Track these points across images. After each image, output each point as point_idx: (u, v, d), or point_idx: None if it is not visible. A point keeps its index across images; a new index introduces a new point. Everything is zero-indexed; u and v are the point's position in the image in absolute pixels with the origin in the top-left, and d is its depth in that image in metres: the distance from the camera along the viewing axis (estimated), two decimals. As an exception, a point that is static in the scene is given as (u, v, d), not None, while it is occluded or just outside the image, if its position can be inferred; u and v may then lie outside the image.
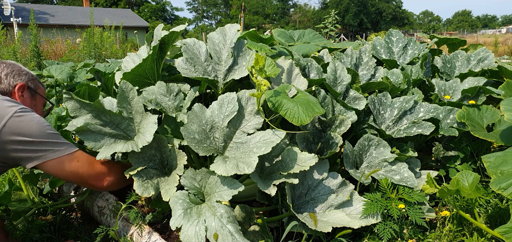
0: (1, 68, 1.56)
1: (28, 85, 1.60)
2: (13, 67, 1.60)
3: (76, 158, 1.46)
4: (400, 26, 62.47)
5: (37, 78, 1.70)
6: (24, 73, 1.62)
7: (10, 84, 1.55)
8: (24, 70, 1.63)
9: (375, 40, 2.95)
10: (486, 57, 2.74)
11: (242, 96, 1.65)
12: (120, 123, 1.67)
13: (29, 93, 1.61)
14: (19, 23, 13.99)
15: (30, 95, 1.61)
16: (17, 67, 1.61)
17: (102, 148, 1.55)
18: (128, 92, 1.67)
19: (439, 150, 2.22)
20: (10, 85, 1.55)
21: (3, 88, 1.53)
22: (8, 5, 14.63)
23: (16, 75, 1.58)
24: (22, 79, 1.59)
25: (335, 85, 2.10)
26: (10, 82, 1.55)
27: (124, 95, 1.67)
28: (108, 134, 1.61)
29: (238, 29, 1.92)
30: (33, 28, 5.40)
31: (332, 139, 1.83)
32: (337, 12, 5.70)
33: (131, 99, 1.68)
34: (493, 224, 1.73)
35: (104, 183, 1.57)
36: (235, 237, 1.30)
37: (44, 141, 1.36)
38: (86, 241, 1.87)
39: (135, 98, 1.68)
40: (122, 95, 1.67)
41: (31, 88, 1.62)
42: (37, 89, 1.66)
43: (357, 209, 1.66)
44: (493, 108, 2.11)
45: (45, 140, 1.37)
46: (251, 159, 1.42)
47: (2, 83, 1.53)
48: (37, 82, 1.68)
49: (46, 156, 1.36)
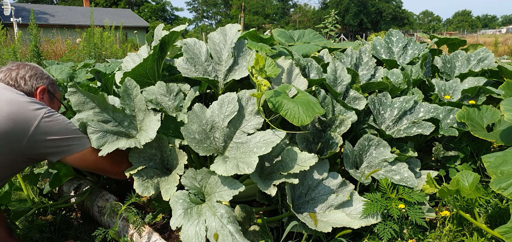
0: (25, 70, 1.64)
1: (48, 89, 1.69)
2: (36, 70, 1.68)
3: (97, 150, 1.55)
4: (400, 26, 62.46)
5: (55, 83, 1.79)
6: (46, 76, 1.71)
7: (33, 86, 1.63)
8: (45, 74, 1.72)
9: (375, 40, 2.96)
10: (486, 57, 2.74)
11: (242, 97, 1.65)
12: (122, 120, 1.67)
13: (48, 97, 1.70)
14: (19, 23, 13.99)
15: (49, 98, 1.70)
16: (39, 70, 1.70)
17: (105, 144, 1.55)
18: (132, 89, 1.68)
19: (439, 150, 2.22)
20: (33, 87, 1.63)
21: (27, 89, 1.61)
22: (8, 5, 14.63)
23: (39, 78, 1.67)
24: (43, 82, 1.68)
25: (335, 85, 2.10)
26: (33, 84, 1.63)
27: (128, 92, 1.68)
28: (111, 130, 1.61)
29: (239, 29, 1.92)
30: (33, 28, 5.40)
31: (332, 139, 1.83)
32: (337, 12, 5.70)
33: (134, 97, 1.69)
34: (493, 224, 1.73)
35: (122, 168, 1.66)
36: (235, 237, 1.30)
37: (70, 136, 1.49)
38: (86, 241, 1.87)
39: (138, 96, 1.69)
40: (126, 92, 1.67)
41: (51, 92, 1.72)
42: (55, 93, 1.75)
43: (357, 209, 1.66)
44: (493, 108, 2.11)
45: (70, 136, 1.49)
46: (251, 159, 1.42)
47: (26, 85, 1.62)
48: (56, 87, 1.77)
49: (72, 150, 1.49)
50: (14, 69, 1.62)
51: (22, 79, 1.61)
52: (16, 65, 1.65)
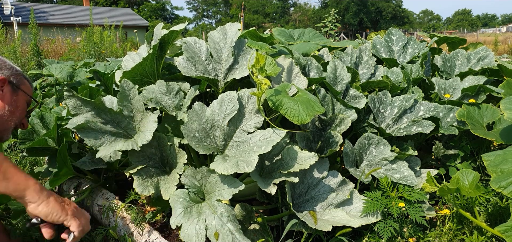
0: None
1: (9, 80, 1.49)
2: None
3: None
4: (400, 25, 62.44)
5: (24, 75, 1.59)
6: (7, 67, 1.51)
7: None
8: (7, 65, 1.52)
9: (375, 39, 2.95)
10: (486, 56, 2.74)
11: (243, 95, 1.65)
12: (120, 121, 1.67)
13: (11, 88, 1.50)
14: (19, 22, 13.98)
15: (11, 90, 1.50)
16: (1, 61, 1.50)
17: (103, 146, 1.55)
18: (129, 90, 1.68)
19: (439, 149, 2.22)
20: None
21: None
22: (8, 4, 14.62)
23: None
24: (3, 73, 1.48)
25: (335, 84, 2.10)
26: None
27: (125, 93, 1.67)
28: (109, 132, 1.61)
29: (239, 28, 1.92)
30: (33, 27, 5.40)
31: (332, 138, 1.83)
32: (337, 11, 5.69)
33: (131, 98, 1.68)
34: (493, 222, 1.73)
35: None
36: (235, 236, 1.30)
37: None
38: (86, 240, 1.87)
39: (135, 96, 1.68)
40: (123, 93, 1.67)
41: (14, 84, 1.51)
42: (21, 85, 1.55)
43: (357, 208, 1.67)
44: (493, 107, 2.10)
45: None
46: (251, 157, 1.42)
47: None
48: (22, 78, 1.57)
49: None
50: None
51: None
52: None
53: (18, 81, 1.53)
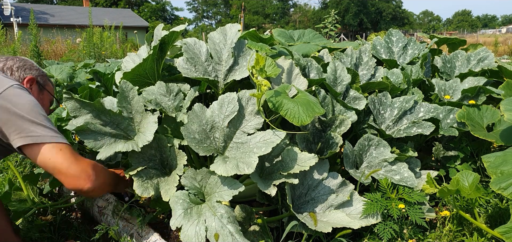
0: (14, 61, 1.61)
1: (37, 80, 1.65)
2: (25, 62, 1.66)
3: (60, 148, 1.32)
4: (400, 26, 62.44)
5: (47, 76, 1.74)
6: (35, 68, 1.68)
7: (20, 76, 1.60)
8: (35, 66, 1.68)
9: (375, 40, 2.96)
10: (486, 57, 2.74)
11: (243, 97, 1.65)
12: (120, 122, 1.67)
13: (37, 88, 1.65)
14: (19, 23, 13.99)
15: (38, 90, 1.65)
16: (29, 62, 1.67)
17: (102, 148, 1.55)
18: (128, 92, 1.68)
19: (439, 150, 2.22)
20: (20, 78, 1.60)
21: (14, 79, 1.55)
22: (8, 5, 14.63)
23: (28, 69, 1.64)
24: (32, 73, 1.64)
25: (335, 85, 2.10)
26: (20, 74, 1.60)
27: (124, 95, 1.67)
28: (108, 133, 1.61)
29: (239, 29, 1.92)
30: (33, 28, 5.41)
31: (332, 139, 1.83)
32: (337, 12, 5.69)
33: (131, 99, 1.68)
34: (493, 224, 1.73)
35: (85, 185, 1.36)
36: (235, 237, 1.30)
37: (33, 120, 1.29)
38: (86, 241, 1.87)
39: (135, 98, 1.68)
40: (122, 95, 1.67)
41: (40, 83, 1.67)
42: (46, 85, 1.70)
43: (357, 209, 1.66)
44: (493, 108, 2.11)
45: (34, 120, 1.29)
46: (251, 159, 1.42)
47: (13, 75, 1.59)
48: (47, 79, 1.73)
49: (33, 137, 1.28)
50: (2, 60, 1.59)
51: (9, 69, 1.58)
52: (4, 58, 1.61)
53: (44, 81, 1.69)
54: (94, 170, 1.38)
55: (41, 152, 1.29)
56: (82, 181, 1.35)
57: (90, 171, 1.37)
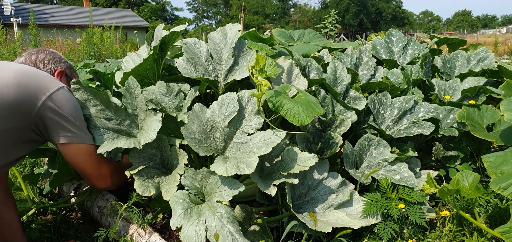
0: (44, 54, 1.70)
1: (66, 73, 1.74)
2: (55, 54, 1.74)
3: (90, 153, 1.54)
4: (400, 26, 62.44)
5: (73, 68, 1.83)
6: (63, 61, 1.77)
7: (51, 69, 1.68)
8: (63, 59, 1.78)
9: (375, 40, 2.96)
10: (486, 57, 2.74)
11: (243, 97, 1.65)
12: (124, 118, 1.67)
13: (66, 80, 1.73)
14: (19, 23, 13.99)
15: (66, 82, 1.72)
16: (58, 55, 1.76)
17: (105, 142, 1.55)
18: (134, 88, 1.69)
19: (439, 150, 2.22)
20: (51, 70, 1.68)
21: (45, 72, 1.64)
22: (8, 5, 14.63)
23: (57, 62, 1.72)
24: (62, 66, 1.73)
25: (335, 85, 2.10)
26: (51, 67, 1.68)
27: (130, 91, 1.68)
28: (112, 128, 1.61)
29: (239, 29, 1.92)
30: (33, 28, 5.41)
31: (332, 139, 1.83)
32: (337, 12, 5.70)
33: (136, 96, 1.69)
34: (493, 224, 1.73)
35: (101, 186, 1.67)
36: (235, 237, 1.30)
37: (76, 123, 1.48)
38: (86, 241, 1.87)
39: (140, 96, 1.69)
40: (128, 91, 1.68)
41: (68, 76, 1.75)
42: (72, 77, 1.78)
43: (357, 209, 1.66)
44: (493, 108, 2.11)
45: (76, 122, 1.48)
46: (251, 159, 1.42)
47: (45, 68, 1.67)
48: (73, 72, 1.81)
49: (72, 137, 1.47)
50: (34, 53, 1.68)
51: (41, 62, 1.67)
52: (36, 51, 1.70)
53: (71, 73, 1.79)
54: (111, 176, 1.65)
55: (76, 151, 1.50)
56: (99, 182, 1.64)
57: (108, 176, 1.64)
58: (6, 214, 1.59)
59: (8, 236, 1.60)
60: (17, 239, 1.61)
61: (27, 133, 1.41)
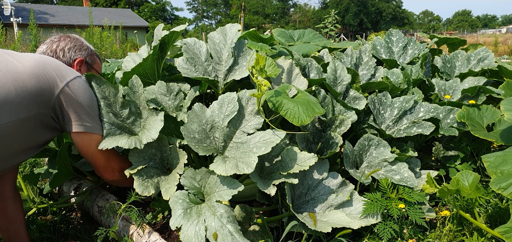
0: (65, 42, 1.70)
1: (86, 60, 1.74)
2: (76, 42, 1.74)
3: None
4: (400, 26, 62.42)
5: (96, 53, 1.82)
6: (85, 48, 1.75)
7: (71, 57, 1.69)
8: (85, 46, 1.76)
9: (375, 40, 2.96)
10: (486, 57, 2.74)
11: (243, 96, 1.65)
12: (127, 116, 1.67)
13: (86, 68, 1.74)
14: (19, 23, 13.98)
15: (86, 69, 1.74)
16: (79, 42, 1.75)
17: (106, 138, 1.54)
18: (138, 87, 1.69)
19: (439, 150, 2.22)
20: (71, 59, 1.69)
21: (65, 60, 1.67)
22: (8, 5, 14.63)
23: (78, 50, 1.72)
24: (82, 54, 1.72)
25: (335, 85, 2.10)
26: (71, 55, 1.69)
27: (134, 90, 1.68)
28: (116, 124, 1.61)
29: (239, 29, 1.92)
30: (33, 28, 5.41)
31: (332, 139, 1.83)
32: (337, 12, 5.70)
33: (140, 95, 1.69)
34: (493, 223, 1.73)
35: (107, 178, 1.66)
36: (235, 237, 1.30)
37: (91, 113, 1.49)
38: (86, 241, 1.87)
39: (143, 95, 1.69)
40: (132, 89, 1.68)
41: (88, 63, 1.76)
42: (94, 64, 1.78)
43: (357, 209, 1.66)
44: (493, 108, 2.11)
45: (91, 112, 1.50)
46: (251, 159, 1.42)
47: (65, 56, 1.67)
48: (95, 57, 1.80)
49: (86, 127, 1.48)
50: (55, 41, 1.69)
51: (62, 51, 1.67)
52: (57, 38, 1.71)
53: (92, 60, 1.78)
54: (120, 172, 1.63)
55: (89, 141, 1.51)
56: (108, 174, 1.65)
57: (117, 171, 1.64)
58: (13, 209, 1.61)
59: (12, 231, 1.61)
60: (20, 235, 1.62)
61: (48, 119, 1.43)
